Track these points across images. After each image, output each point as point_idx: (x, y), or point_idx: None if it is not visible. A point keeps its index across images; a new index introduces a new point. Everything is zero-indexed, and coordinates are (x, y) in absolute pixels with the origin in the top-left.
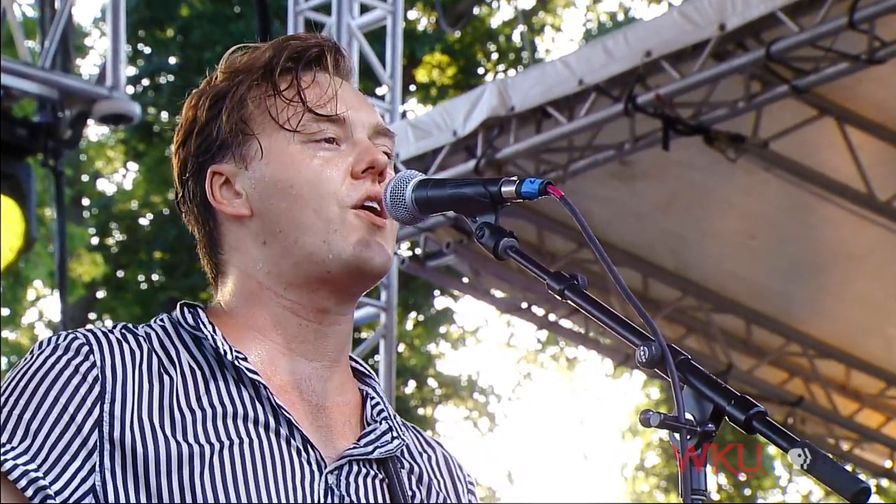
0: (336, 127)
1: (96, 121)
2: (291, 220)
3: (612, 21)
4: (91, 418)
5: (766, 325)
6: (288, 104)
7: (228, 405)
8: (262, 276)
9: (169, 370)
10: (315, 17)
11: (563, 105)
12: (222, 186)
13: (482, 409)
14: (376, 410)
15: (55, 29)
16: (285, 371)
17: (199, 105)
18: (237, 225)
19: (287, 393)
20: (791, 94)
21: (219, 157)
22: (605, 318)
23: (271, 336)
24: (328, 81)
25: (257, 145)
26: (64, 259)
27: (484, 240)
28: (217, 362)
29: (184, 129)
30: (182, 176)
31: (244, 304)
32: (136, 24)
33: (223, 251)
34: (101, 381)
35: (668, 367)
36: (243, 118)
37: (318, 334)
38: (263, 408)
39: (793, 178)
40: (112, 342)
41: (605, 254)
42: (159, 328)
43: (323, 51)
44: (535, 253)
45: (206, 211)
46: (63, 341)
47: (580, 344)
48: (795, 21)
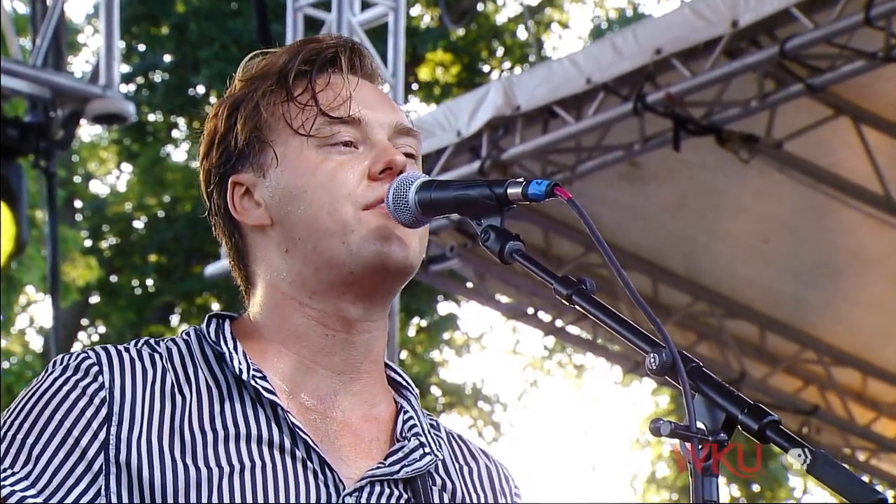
0: (352, 129)
1: (89, 121)
2: (308, 225)
3: (621, 17)
4: (97, 441)
5: (780, 331)
6: (302, 109)
7: (242, 426)
8: (286, 287)
9: (183, 389)
10: (315, 13)
11: (570, 104)
12: (243, 197)
13: (487, 418)
14: (408, 426)
15: (47, 26)
16: (310, 387)
17: (218, 115)
18: (260, 235)
19: (309, 411)
20: (806, 92)
21: (238, 166)
22: (614, 324)
23: (296, 349)
24: (343, 83)
25: (273, 153)
26: (56, 263)
27: (489, 243)
28: (236, 380)
29: (206, 141)
30: (207, 188)
31: (270, 317)
32: (130, 19)
33: (250, 262)
34: (108, 402)
35: (678, 375)
36: (258, 126)
37: (345, 344)
38: (280, 429)
39: (807, 179)
40: (124, 361)
41: (614, 257)
42: (182, 342)
43: (338, 52)
44: (542, 257)
45: (231, 223)
46: (73, 361)
47: (588, 351)
48: (810, 18)
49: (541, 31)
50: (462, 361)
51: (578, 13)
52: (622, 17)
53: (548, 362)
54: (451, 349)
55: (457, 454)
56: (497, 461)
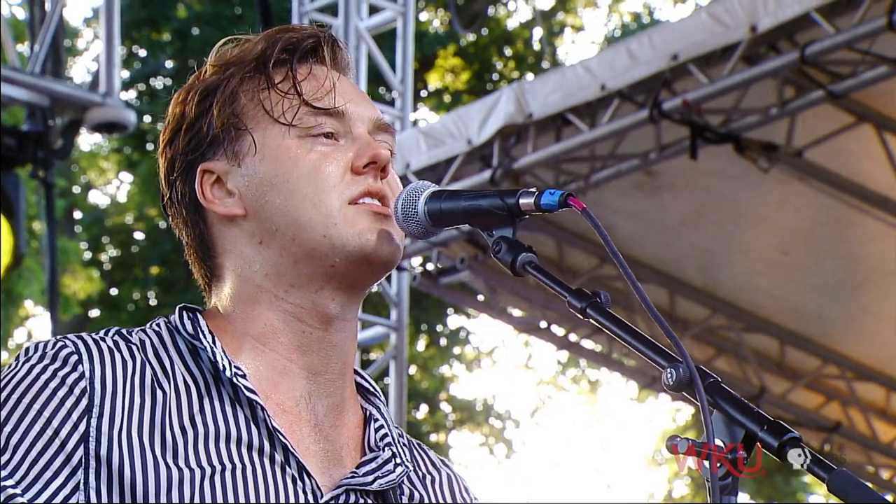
0: (334, 121)
1: (89, 129)
2: (288, 216)
3: (637, 22)
4: (76, 433)
5: (802, 345)
6: (283, 97)
7: (222, 426)
8: (260, 279)
9: (162, 383)
10: (321, 18)
11: (584, 112)
12: (213, 185)
13: (499, 435)
14: (379, 435)
15: (45, 32)
16: (286, 387)
17: (187, 100)
18: (230, 226)
19: (286, 413)
20: (827, 99)
21: (209, 154)
22: (630, 339)
23: (272, 345)
24: (325, 74)
25: (250, 140)
26: (55, 275)
27: (501, 255)
28: (213, 376)
29: (171, 127)
30: (169, 176)
31: (243, 310)
32: (130, 24)
33: (217, 255)
34: (88, 393)
35: (696, 391)
36: (235, 112)
37: (322, 343)
38: (259, 430)
39: (829, 189)
40: (103, 351)
41: (630, 270)
42: (154, 334)
43: (319, 42)
44: (555, 269)
45: (197, 213)
46: (50, 349)
47: (603, 366)
48: (831, 22)
49: (554, 36)
50: (473, 377)
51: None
52: (638, 22)
53: (561, 378)
54: (461, 364)
55: (419, 463)
56: (456, 471)
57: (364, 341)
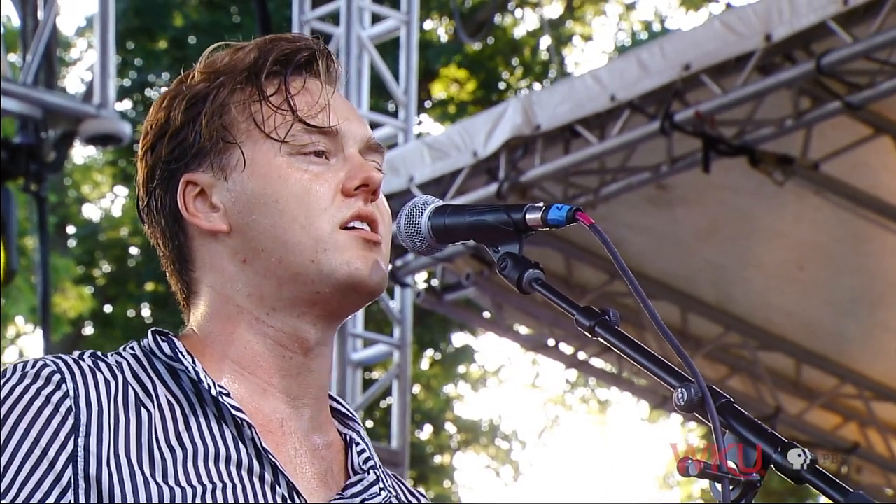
0: (327, 139)
1: (83, 141)
2: (275, 237)
3: (648, 31)
4: (65, 453)
5: (818, 364)
6: (275, 111)
7: (210, 444)
8: (241, 299)
9: (146, 403)
10: (322, 27)
11: (593, 123)
12: (196, 198)
13: (505, 456)
14: (363, 458)
15: (38, 42)
16: (269, 408)
17: (172, 106)
18: (212, 241)
19: (271, 433)
20: (844, 110)
21: (193, 165)
22: (640, 357)
23: (252, 369)
24: (320, 89)
25: (239, 155)
26: (47, 293)
27: (507, 271)
28: (196, 396)
29: (154, 132)
30: (149, 183)
31: (221, 331)
32: (125, 33)
33: (195, 269)
34: (74, 412)
35: (708, 411)
36: (225, 124)
37: (301, 369)
38: (247, 448)
39: (846, 202)
40: (84, 370)
41: (640, 286)
42: (130, 357)
43: (314, 55)
44: (563, 285)
45: (176, 223)
46: (31, 369)
47: (613, 385)
48: (848, 31)
49: (562, 45)
50: (478, 396)
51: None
52: (648, 31)
53: (570, 397)
54: (466, 383)
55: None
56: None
57: (366, 360)
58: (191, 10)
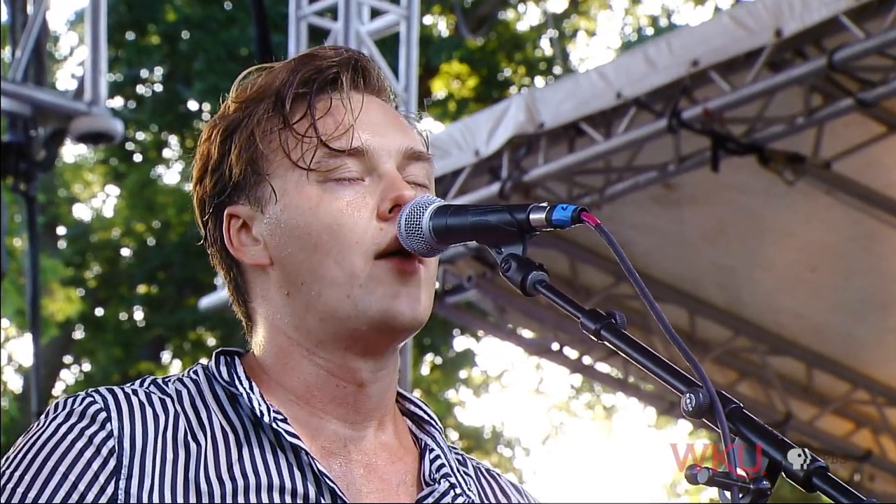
0: (356, 161)
1: (73, 140)
2: (312, 271)
3: (654, 26)
4: (104, 497)
5: (830, 369)
6: (301, 139)
7: (263, 475)
8: (290, 331)
9: (197, 435)
10: (319, 22)
11: (598, 121)
12: (240, 231)
13: (508, 464)
14: (435, 466)
15: (27, 37)
16: (327, 432)
17: (211, 139)
18: (260, 273)
19: (333, 456)
20: (856, 108)
21: (234, 197)
22: (647, 362)
23: (306, 398)
24: (345, 108)
25: (270, 188)
26: (36, 295)
27: (510, 273)
28: (253, 423)
29: (199, 166)
30: (202, 217)
31: (276, 360)
32: (115, 27)
33: (251, 299)
34: (117, 453)
35: (717, 417)
36: (254, 157)
37: (357, 396)
38: (304, 476)
39: (858, 203)
40: (133, 406)
41: (647, 289)
42: (191, 382)
43: (339, 71)
44: (568, 288)
45: (229, 256)
46: (78, 406)
47: (619, 390)
48: (861, 26)
49: (566, 40)
50: (480, 402)
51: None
52: (655, 26)
53: (574, 403)
54: (468, 388)
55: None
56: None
57: None
58: (183, 3)
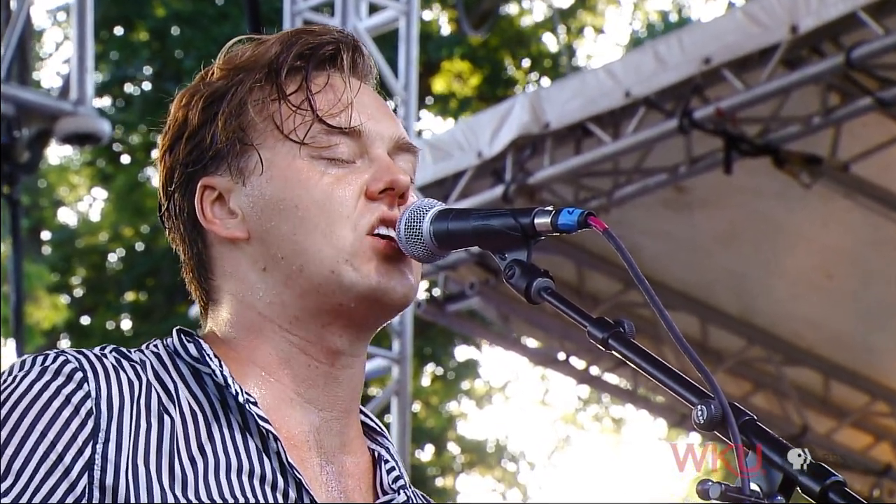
0: (350, 140)
1: (58, 141)
2: (296, 245)
3: (664, 22)
4: (81, 459)
5: (848, 379)
6: (295, 111)
7: (233, 457)
8: (262, 307)
9: (168, 408)
10: (316, 18)
11: (606, 121)
12: (214, 203)
13: (512, 478)
14: (392, 477)
15: (11, 34)
16: (295, 420)
17: (191, 105)
18: (231, 248)
19: (296, 448)
20: (875, 107)
21: (211, 168)
22: (657, 372)
23: (277, 375)
24: (344, 86)
25: (257, 158)
26: (20, 302)
27: (514, 280)
28: (220, 402)
29: (172, 132)
30: (168, 187)
31: (245, 337)
32: (101, 22)
33: (215, 276)
34: (94, 415)
35: (730, 430)
36: (242, 125)
37: (328, 378)
38: (271, 462)
39: (877, 206)
40: (108, 368)
41: (657, 296)
42: (153, 356)
43: (339, 48)
44: (575, 295)
45: (195, 230)
46: (52, 363)
47: (627, 402)
48: (880, 22)
49: (573, 37)
50: (483, 414)
51: (615, 17)
52: (665, 22)
53: (582, 415)
54: (470, 400)
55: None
56: None
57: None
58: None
